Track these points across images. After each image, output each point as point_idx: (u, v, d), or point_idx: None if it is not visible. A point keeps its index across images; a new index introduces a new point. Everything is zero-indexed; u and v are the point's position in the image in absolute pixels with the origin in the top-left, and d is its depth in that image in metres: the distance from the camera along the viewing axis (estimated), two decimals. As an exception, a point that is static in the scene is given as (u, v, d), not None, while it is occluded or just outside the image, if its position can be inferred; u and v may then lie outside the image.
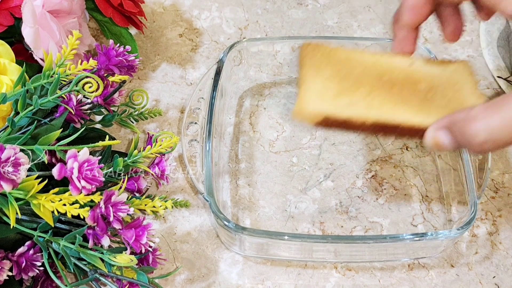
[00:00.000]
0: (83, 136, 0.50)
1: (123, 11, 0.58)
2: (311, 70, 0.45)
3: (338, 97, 0.42)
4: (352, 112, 0.41)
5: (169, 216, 0.54)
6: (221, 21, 0.71)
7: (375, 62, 0.46)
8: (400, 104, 0.42)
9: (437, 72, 0.45)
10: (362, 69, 0.45)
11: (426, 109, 0.42)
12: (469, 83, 0.45)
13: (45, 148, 0.42)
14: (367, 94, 0.43)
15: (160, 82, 0.64)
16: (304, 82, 0.44)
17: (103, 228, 0.39)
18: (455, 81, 0.45)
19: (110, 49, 0.48)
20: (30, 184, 0.37)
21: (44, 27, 0.51)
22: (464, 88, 0.44)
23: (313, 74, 0.44)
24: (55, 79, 0.44)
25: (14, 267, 0.41)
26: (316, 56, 0.46)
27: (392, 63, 0.45)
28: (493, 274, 0.50)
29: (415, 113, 0.42)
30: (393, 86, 0.44)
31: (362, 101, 0.42)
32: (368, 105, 0.42)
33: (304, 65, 0.45)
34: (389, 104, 0.42)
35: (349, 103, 0.42)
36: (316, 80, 0.43)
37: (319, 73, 0.44)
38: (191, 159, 0.51)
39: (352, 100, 0.42)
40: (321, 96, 0.42)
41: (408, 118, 0.42)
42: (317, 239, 0.47)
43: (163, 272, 0.49)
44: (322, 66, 0.45)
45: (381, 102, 0.42)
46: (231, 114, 0.61)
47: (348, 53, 0.46)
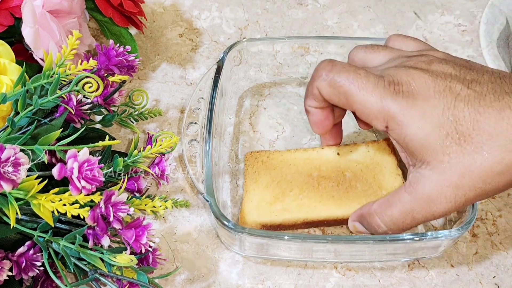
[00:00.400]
0: (83, 136, 0.50)
1: (123, 11, 0.58)
2: (252, 180, 0.52)
3: (272, 205, 0.50)
4: (285, 216, 0.49)
5: (169, 216, 0.54)
6: (221, 21, 0.71)
7: (307, 158, 0.53)
8: (325, 199, 0.50)
9: (361, 156, 0.53)
10: (295, 170, 0.52)
11: (349, 199, 0.50)
12: (389, 162, 0.52)
13: (45, 148, 0.42)
14: (297, 196, 0.50)
15: (160, 82, 0.64)
16: (246, 192, 0.52)
17: (103, 228, 0.39)
18: (376, 163, 0.52)
19: (110, 49, 0.48)
20: (30, 184, 0.37)
21: (44, 27, 0.51)
22: (384, 169, 0.52)
23: (253, 183, 0.52)
24: (55, 79, 0.44)
25: (14, 267, 0.41)
26: (257, 165, 0.53)
27: (322, 157, 0.53)
28: (493, 274, 0.50)
29: (339, 206, 0.49)
30: (321, 181, 0.51)
31: (293, 203, 0.50)
32: (298, 207, 0.50)
33: (248, 175, 0.53)
34: (316, 201, 0.50)
35: (282, 209, 0.50)
36: (256, 189, 0.51)
37: (258, 182, 0.52)
38: (191, 159, 0.51)
39: (284, 206, 0.50)
40: (258, 206, 0.50)
41: (332, 212, 0.49)
42: (317, 239, 0.47)
43: (163, 272, 0.49)
44: (261, 174, 0.52)
45: (309, 201, 0.50)
46: (231, 114, 0.61)
47: (283, 155, 0.53)
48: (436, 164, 0.40)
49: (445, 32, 0.70)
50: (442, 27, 0.71)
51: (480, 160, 0.38)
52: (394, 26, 0.71)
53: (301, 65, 0.65)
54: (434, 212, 0.41)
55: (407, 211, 0.42)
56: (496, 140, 0.38)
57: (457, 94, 0.40)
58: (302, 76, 0.65)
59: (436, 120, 0.39)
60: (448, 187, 0.39)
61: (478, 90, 0.40)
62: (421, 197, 0.41)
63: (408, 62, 0.44)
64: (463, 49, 0.67)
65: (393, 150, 0.53)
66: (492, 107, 0.39)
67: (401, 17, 0.72)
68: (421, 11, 0.73)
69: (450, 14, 0.73)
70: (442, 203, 0.40)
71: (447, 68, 0.42)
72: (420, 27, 0.71)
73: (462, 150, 0.39)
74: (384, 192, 0.50)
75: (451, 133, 0.39)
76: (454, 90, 0.40)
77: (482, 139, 0.38)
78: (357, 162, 0.52)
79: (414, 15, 0.73)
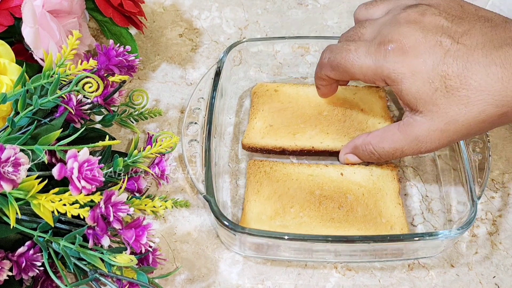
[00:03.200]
0: (83, 136, 0.50)
1: (123, 11, 0.58)
2: (254, 190, 0.53)
3: (272, 219, 0.50)
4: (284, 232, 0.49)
5: (169, 216, 0.54)
6: (221, 21, 0.71)
7: (310, 175, 0.54)
8: (325, 221, 0.50)
9: (364, 179, 0.54)
10: (297, 185, 0.53)
11: (348, 223, 0.50)
12: (391, 189, 0.53)
13: (45, 148, 0.42)
14: (297, 214, 0.51)
15: (160, 82, 0.64)
16: (247, 202, 0.52)
17: (103, 228, 0.39)
18: (378, 189, 0.53)
19: (110, 49, 0.48)
20: (30, 184, 0.37)
21: (44, 27, 0.51)
22: (386, 196, 0.53)
23: (254, 193, 0.52)
24: (55, 79, 0.44)
25: (14, 267, 0.41)
26: (259, 174, 0.54)
27: (325, 174, 0.54)
28: (493, 274, 0.50)
29: (337, 229, 0.50)
30: (323, 201, 0.51)
31: (293, 221, 0.50)
32: (298, 225, 0.50)
33: (250, 184, 0.53)
34: (316, 221, 0.50)
35: (281, 225, 0.50)
36: (257, 201, 0.52)
37: (260, 193, 0.52)
38: (191, 159, 0.51)
39: (284, 222, 0.50)
40: (258, 219, 0.50)
41: (330, 234, 0.49)
42: (317, 239, 0.47)
43: (163, 272, 0.49)
44: (264, 185, 0.53)
45: (309, 220, 0.50)
46: (231, 114, 0.61)
47: (287, 168, 0.54)
48: (426, 113, 0.45)
49: (445, 32, 0.70)
50: (442, 27, 0.71)
51: (465, 111, 0.43)
52: (394, 26, 0.71)
53: (301, 65, 0.65)
54: (421, 150, 0.47)
55: (398, 147, 0.48)
56: (480, 95, 0.42)
57: (447, 50, 0.43)
58: (302, 76, 0.65)
59: (426, 76, 0.44)
60: (435, 131, 0.45)
61: (467, 43, 0.43)
62: (411, 138, 0.47)
63: (402, 14, 0.47)
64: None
65: (396, 177, 0.54)
66: (479, 63, 0.42)
67: (401, 17, 0.72)
68: (421, 11, 0.73)
69: (450, 14, 0.72)
70: (428, 143, 0.46)
71: (440, 20, 0.45)
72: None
73: (450, 102, 0.43)
74: (384, 220, 0.50)
75: (440, 87, 0.43)
76: (444, 45, 0.44)
77: (467, 93, 0.42)
78: (359, 185, 0.53)
79: (414, 15, 0.72)
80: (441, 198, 0.54)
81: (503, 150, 0.58)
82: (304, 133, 0.56)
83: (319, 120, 0.57)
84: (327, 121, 0.57)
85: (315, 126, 0.57)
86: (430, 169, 0.57)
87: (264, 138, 0.56)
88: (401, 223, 0.50)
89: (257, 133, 0.57)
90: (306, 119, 0.57)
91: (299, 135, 0.56)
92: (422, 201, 0.54)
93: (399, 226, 0.50)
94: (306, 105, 0.58)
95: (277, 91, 0.60)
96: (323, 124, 0.57)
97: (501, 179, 0.56)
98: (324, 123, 0.57)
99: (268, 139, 0.56)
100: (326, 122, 0.57)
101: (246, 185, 0.54)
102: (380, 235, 0.48)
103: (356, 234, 0.49)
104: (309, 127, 0.57)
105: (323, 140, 0.56)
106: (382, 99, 0.60)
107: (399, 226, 0.50)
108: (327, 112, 0.58)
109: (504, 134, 0.60)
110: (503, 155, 0.58)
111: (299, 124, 0.57)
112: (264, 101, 0.59)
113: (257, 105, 0.59)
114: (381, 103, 0.60)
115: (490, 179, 0.56)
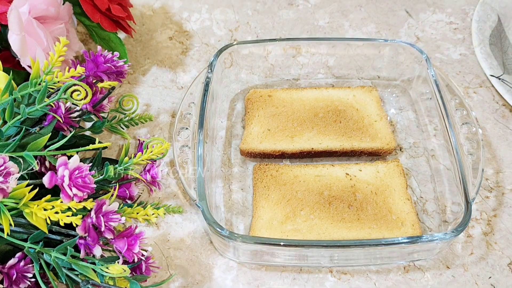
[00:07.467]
0: (73, 143, 0.49)
1: (111, 16, 0.57)
2: (263, 195, 0.52)
3: (283, 224, 0.50)
4: (296, 237, 0.49)
5: (162, 223, 0.53)
6: (212, 23, 0.71)
7: (317, 175, 0.54)
8: (336, 221, 0.50)
9: (371, 177, 0.54)
10: (305, 187, 0.52)
11: (360, 222, 0.50)
12: (399, 185, 0.53)
13: (35, 154, 0.41)
14: (308, 216, 0.50)
15: (150, 87, 0.64)
16: (256, 209, 0.52)
17: (94, 239, 0.39)
18: (386, 185, 0.53)
19: (98, 56, 0.47)
20: (21, 192, 0.37)
21: (30, 34, 0.50)
22: (394, 192, 0.53)
23: (263, 199, 0.52)
24: (42, 87, 0.44)
25: (4, 279, 0.41)
26: (266, 179, 0.54)
27: (332, 174, 0.54)
28: (489, 275, 0.50)
29: (349, 229, 0.50)
30: (332, 201, 0.51)
31: (305, 224, 0.50)
32: (310, 228, 0.50)
33: (257, 189, 0.53)
34: (327, 223, 0.50)
35: (293, 229, 0.50)
36: (265, 207, 0.52)
37: (268, 198, 0.52)
38: (183, 165, 0.51)
39: (295, 226, 0.50)
40: (269, 225, 0.50)
41: (343, 235, 0.49)
42: (312, 245, 0.46)
43: (156, 280, 0.49)
44: (272, 189, 0.53)
45: (320, 222, 0.50)
46: (223, 117, 0.61)
47: (293, 170, 0.54)
48: None
49: (437, 30, 0.70)
50: (434, 26, 0.70)
51: None
52: (386, 25, 0.71)
53: (292, 67, 0.64)
54: None
55: None
56: None
57: None
58: (294, 77, 0.64)
59: None
60: None
61: None
62: None
63: None
64: (455, 47, 0.67)
65: (402, 172, 0.54)
66: None
67: (392, 15, 0.72)
68: (412, 10, 0.73)
69: (442, 12, 0.72)
70: None
71: None
72: (412, 26, 0.71)
73: None
74: (394, 217, 0.50)
75: None
76: None
77: None
78: (367, 183, 0.53)
79: (406, 13, 0.72)
80: (436, 199, 0.54)
81: (497, 149, 0.58)
82: (302, 136, 0.56)
83: (315, 122, 0.57)
84: (323, 123, 0.57)
85: (312, 128, 0.57)
86: (424, 169, 0.56)
87: (262, 142, 0.56)
88: (412, 219, 0.50)
89: (254, 138, 0.57)
90: (302, 122, 0.57)
91: (297, 137, 0.56)
92: (417, 202, 0.54)
93: (410, 223, 0.50)
94: (301, 108, 0.58)
95: (271, 96, 0.60)
96: (319, 126, 0.57)
97: (495, 179, 0.56)
98: (320, 125, 0.57)
99: (266, 143, 0.56)
100: (322, 123, 0.57)
101: (253, 190, 0.54)
102: (375, 239, 0.48)
103: (368, 234, 0.49)
104: (306, 130, 0.57)
105: (322, 141, 0.56)
106: (376, 98, 0.60)
107: (410, 223, 0.50)
108: (323, 114, 0.58)
109: (498, 133, 0.60)
110: (496, 154, 0.58)
111: (295, 127, 0.57)
112: (259, 107, 0.59)
113: (252, 111, 0.59)
114: (375, 102, 0.60)
115: (485, 179, 0.56)
